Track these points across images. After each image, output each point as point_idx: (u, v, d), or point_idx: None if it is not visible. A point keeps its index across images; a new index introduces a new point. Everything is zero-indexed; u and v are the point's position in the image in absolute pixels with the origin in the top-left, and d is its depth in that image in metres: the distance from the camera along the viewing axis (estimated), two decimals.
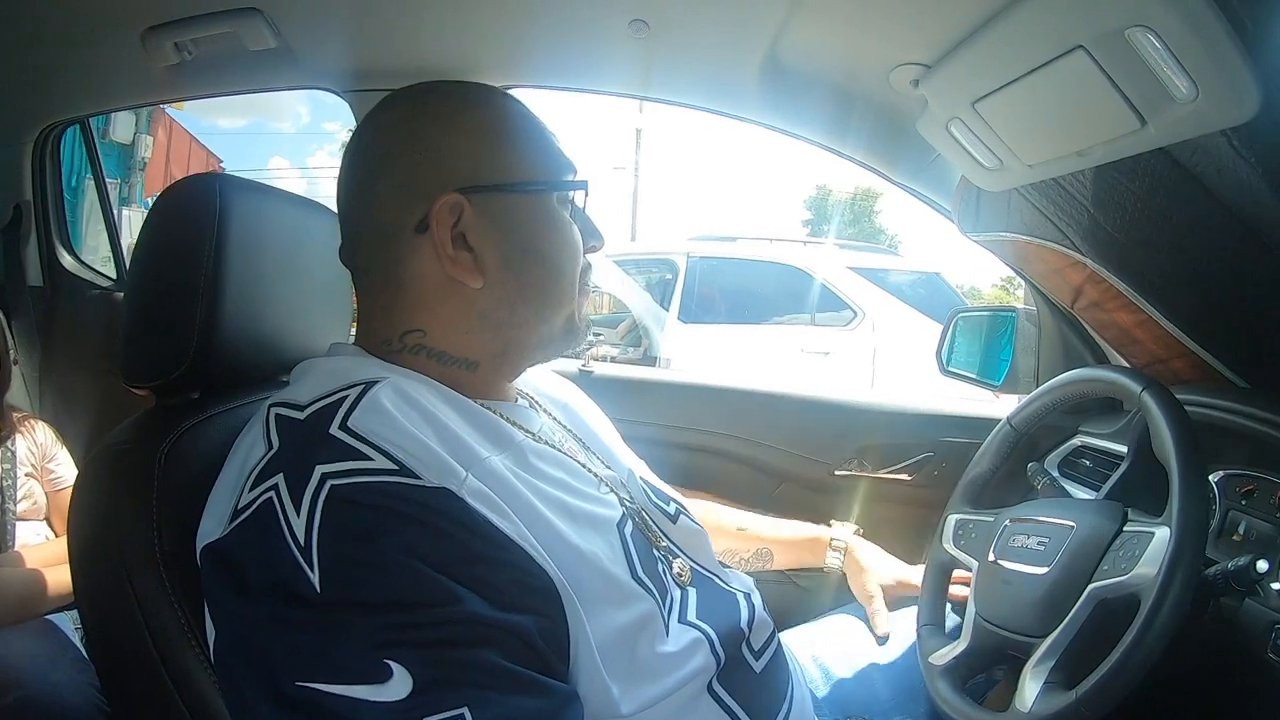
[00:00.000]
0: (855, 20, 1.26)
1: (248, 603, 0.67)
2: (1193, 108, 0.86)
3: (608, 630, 0.76)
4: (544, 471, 0.83)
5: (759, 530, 1.43)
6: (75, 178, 2.78)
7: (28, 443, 1.89)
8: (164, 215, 0.95)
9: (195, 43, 1.59)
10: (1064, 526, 1.05)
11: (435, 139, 0.87)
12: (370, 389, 0.75)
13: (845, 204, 23.74)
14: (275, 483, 0.69)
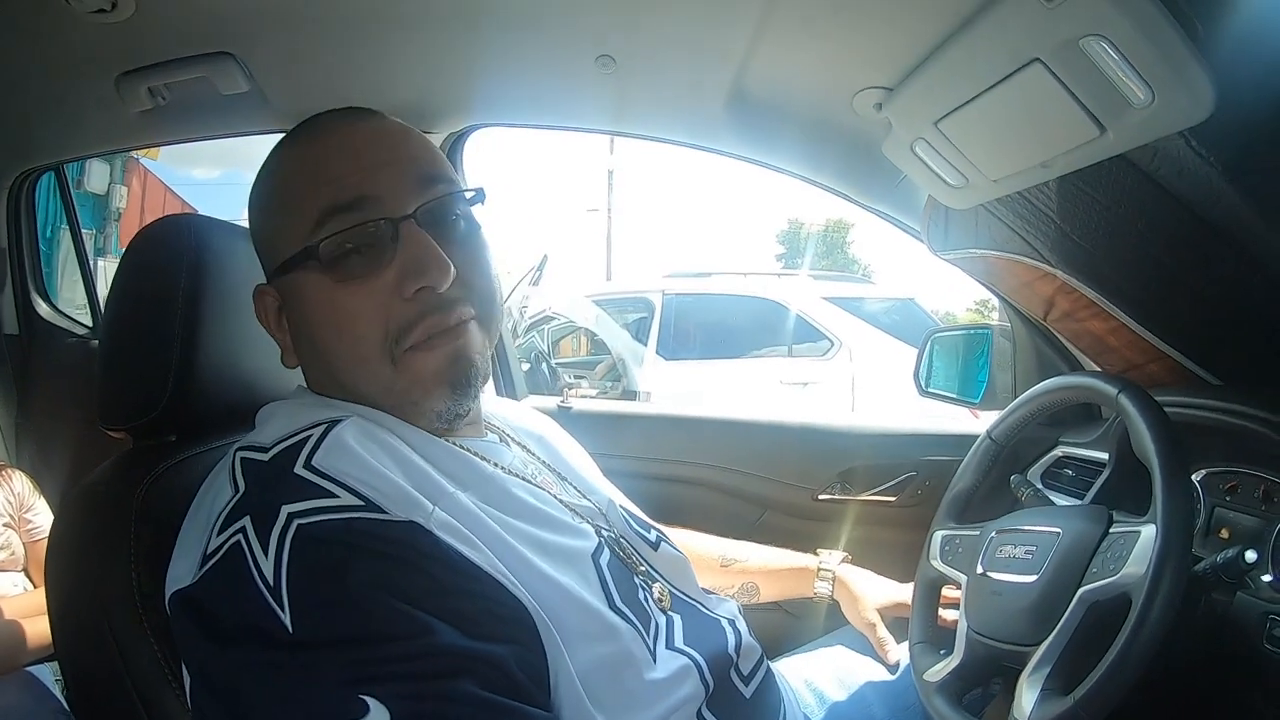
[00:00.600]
0: (816, 47, 1.28)
1: (220, 648, 0.66)
2: (1150, 111, 0.87)
3: (590, 661, 0.76)
4: (513, 505, 0.83)
5: (744, 563, 1.41)
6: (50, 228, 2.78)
7: (5, 493, 1.90)
8: (138, 257, 0.97)
9: (169, 87, 1.59)
10: (1050, 534, 1.04)
11: (253, 229, 0.93)
12: (333, 427, 0.76)
13: (818, 236, 24.02)
14: (243, 525, 0.69)
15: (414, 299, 0.81)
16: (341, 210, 0.81)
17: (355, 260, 0.81)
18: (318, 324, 0.85)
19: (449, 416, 0.86)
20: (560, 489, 0.98)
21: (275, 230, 0.87)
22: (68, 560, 0.87)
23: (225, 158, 20.02)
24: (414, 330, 0.82)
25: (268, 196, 0.89)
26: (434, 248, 0.81)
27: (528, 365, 5.59)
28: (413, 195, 0.84)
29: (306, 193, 0.83)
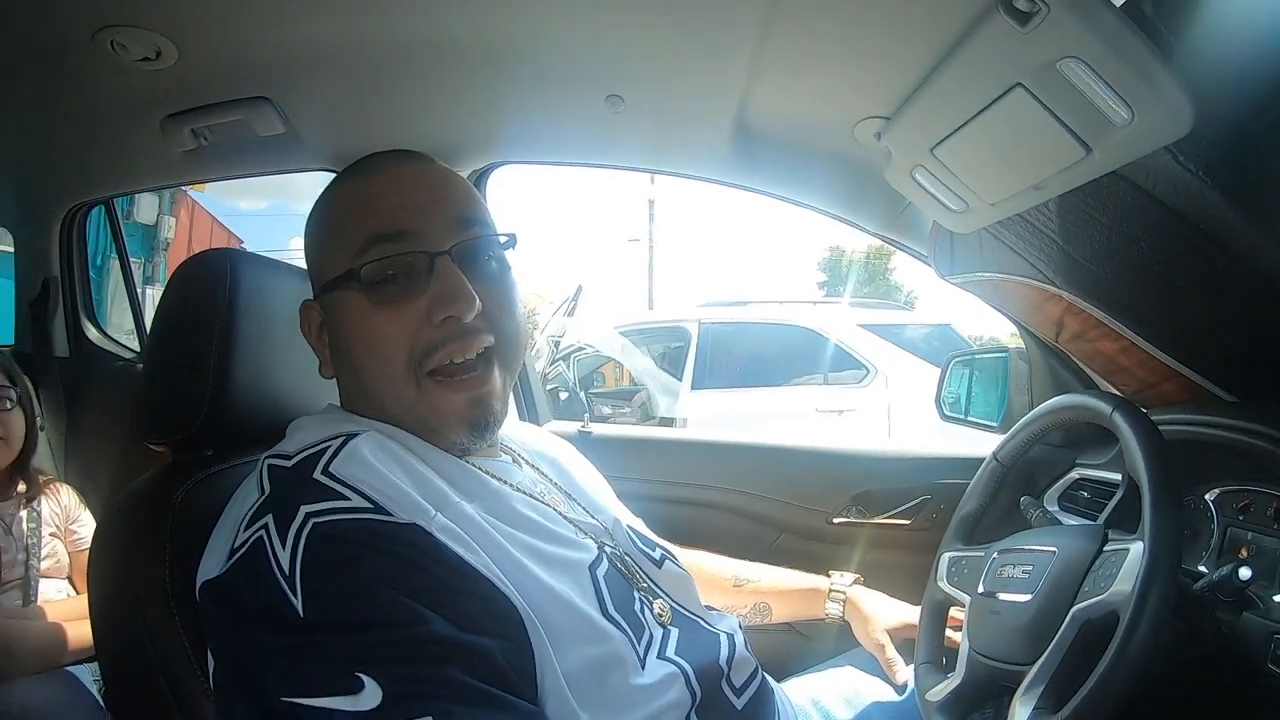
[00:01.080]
0: (813, 80, 1.30)
1: (241, 628, 0.74)
2: (1131, 129, 0.88)
3: (577, 662, 0.81)
4: (515, 518, 0.90)
5: (756, 584, 1.42)
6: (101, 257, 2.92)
7: (52, 504, 2.02)
8: (181, 286, 1.05)
9: (210, 129, 1.68)
10: (1047, 553, 1.05)
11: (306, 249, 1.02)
12: (350, 440, 0.83)
13: (859, 264, 23.82)
14: (265, 522, 0.76)
15: (440, 326, 0.89)
16: (384, 239, 0.90)
17: (392, 286, 0.90)
18: (352, 340, 0.93)
19: (463, 448, 0.94)
20: (567, 507, 1.04)
21: (324, 253, 0.96)
22: (108, 560, 0.95)
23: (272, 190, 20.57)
24: (436, 353, 0.90)
25: (321, 223, 0.99)
26: (463, 282, 0.89)
27: (566, 395, 5.63)
28: (450, 234, 0.92)
29: (355, 221, 0.93)
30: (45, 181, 2.28)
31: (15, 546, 1.91)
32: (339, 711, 0.66)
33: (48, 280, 2.50)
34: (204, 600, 0.80)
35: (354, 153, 1.73)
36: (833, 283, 25.54)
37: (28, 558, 1.92)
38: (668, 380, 6.24)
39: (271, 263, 1.13)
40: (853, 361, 5.86)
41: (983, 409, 1.83)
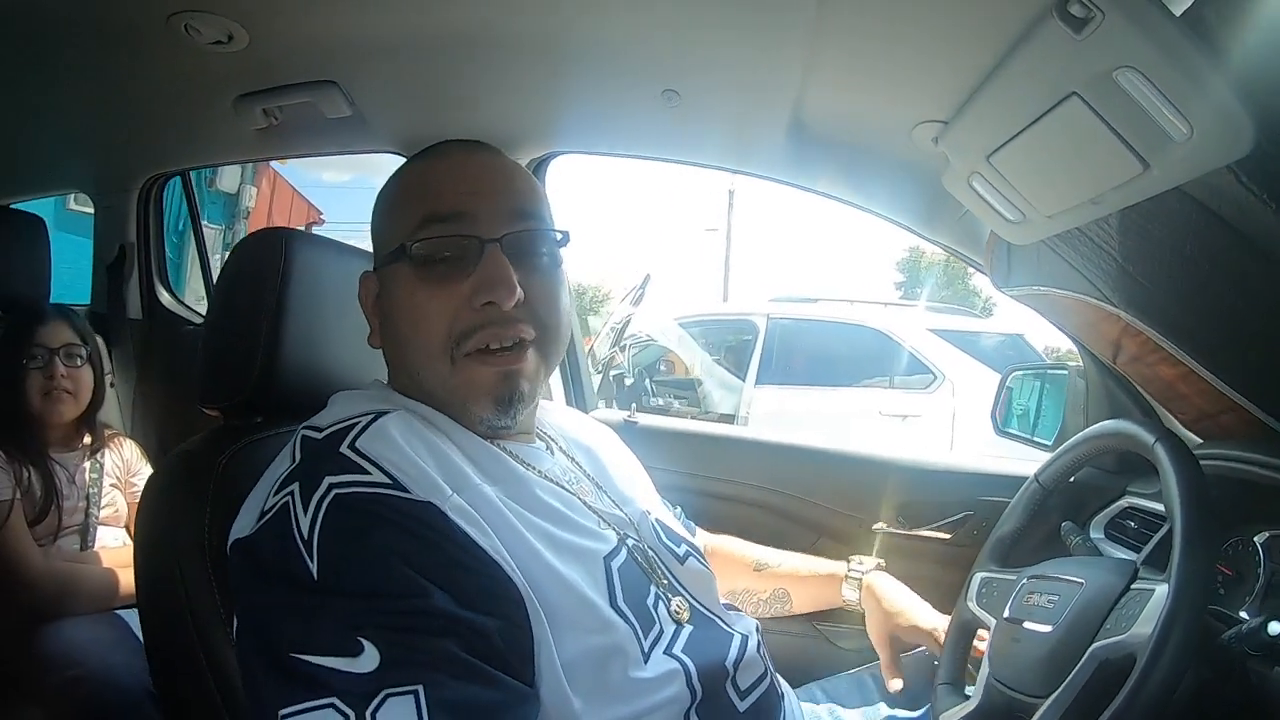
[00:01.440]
0: (870, 81, 1.28)
1: (261, 585, 0.78)
2: (1190, 146, 0.84)
3: (578, 650, 0.83)
4: (536, 504, 0.92)
5: (776, 569, 1.41)
6: (182, 223, 3.03)
7: (115, 457, 2.17)
8: (239, 260, 1.12)
9: (281, 109, 1.76)
10: (1074, 584, 1.00)
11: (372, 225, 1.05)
12: (380, 418, 0.87)
13: (938, 266, 23.31)
14: (293, 489, 0.80)
15: (481, 310, 0.92)
16: (439, 220, 0.93)
17: (440, 266, 0.93)
18: (398, 313, 0.96)
19: (490, 425, 0.96)
20: (594, 497, 1.05)
21: (385, 229, 1.00)
22: (154, 514, 1.00)
23: (355, 164, 20.93)
24: (473, 337, 0.92)
25: (386, 201, 1.03)
26: (508, 270, 0.91)
27: (631, 381, 5.64)
28: (504, 223, 0.94)
29: (415, 201, 0.96)
30: (125, 153, 2.39)
31: (77, 494, 2.04)
32: (338, 671, 0.70)
33: (124, 245, 2.62)
34: (233, 557, 0.84)
35: (417, 137, 1.80)
36: (910, 284, 25.10)
37: (88, 506, 2.05)
38: (724, 375, 6.19)
39: (326, 242, 1.17)
40: (920, 366, 5.72)
41: (1038, 426, 1.78)
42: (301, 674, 0.70)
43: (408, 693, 0.69)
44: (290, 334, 1.06)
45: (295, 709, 0.69)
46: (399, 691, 0.69)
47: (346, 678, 0.69)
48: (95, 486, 2.08)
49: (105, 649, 1.74)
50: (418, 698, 0.69)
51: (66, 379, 2.02)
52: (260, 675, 0.74)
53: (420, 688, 0.69)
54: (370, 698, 0.68)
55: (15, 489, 1.88)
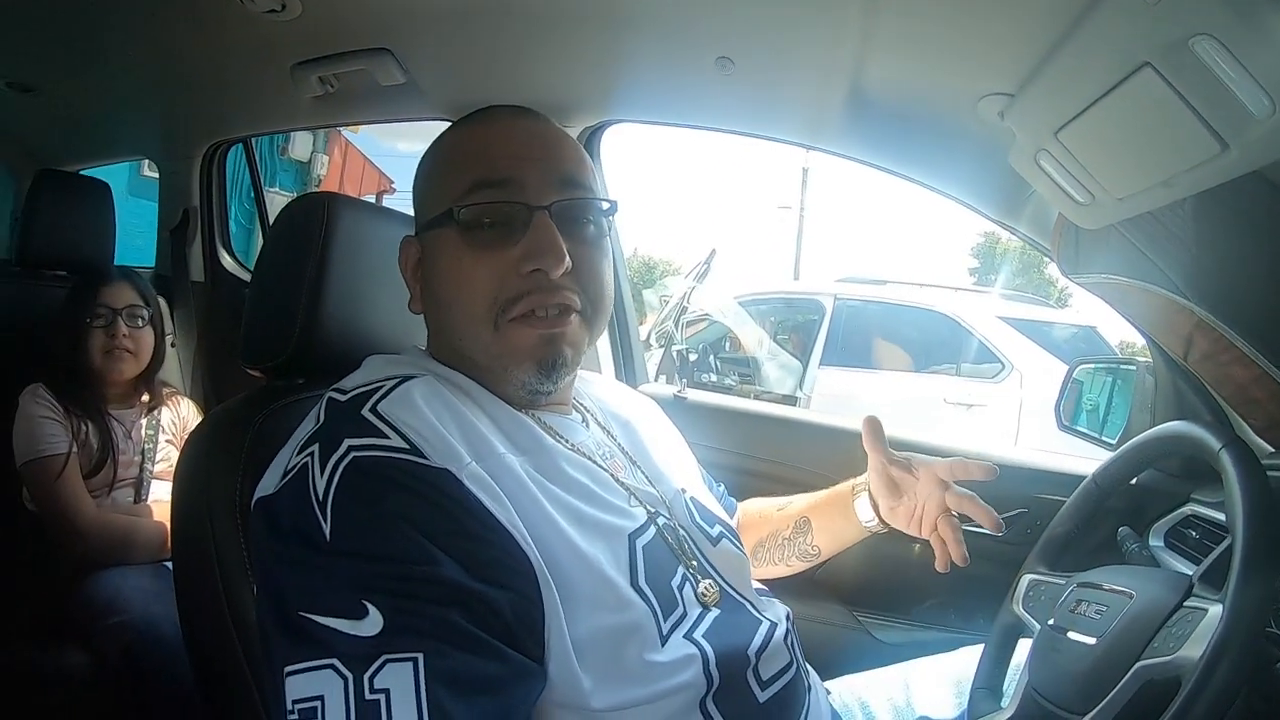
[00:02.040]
0: (931, 49, 1.23)
1: (277, 543, 0.78)
2: (1273, 124, 0.77)
3: (592, 628, 0.81)
4: (564, 478, 0.90)
5: (796, 505, 1.36)
6: (251, 190, 3.14)
7: (172, 414, 2.25)
8: (283, 225, 1.12)
9: (336, 77, 1.80)
10: (1123, 595, 0.94)
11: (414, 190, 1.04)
12: (405, 382, 0.87)
13: (1014, 253, 22.74)
14: (313, 450, 0.80)
15: (528, 278, 0.90)
16: (488, 186, 0.92)
17: (488, 231, 0.92)
18: (443, 278, 0.95)
19: (531, 390, 0.95)
20: (628, 473, 1.03)
21: (430, 192, 0.99)
22: (191, 470, 1.01)
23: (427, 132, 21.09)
24: (519, 303, 0.91)
25: (432, 164, 1.02)
26: (557, 238, 0.90)
27: (695, 356, 5.61)
28: (552, 190, 0.93)
29: (462, 166, 0.95)
30: (187, 120, 2.48)
31: (133, 449, 2.12)
32: (340, 633, 0.70)
33: (188, 210, 2.72)
34: (255, 514, 0.85)
35: (471, 104, 1.78)
36: (984, 271, 24.59)
37: (143, 460, 2.14)
38: (783, 355, 6.10)
39: (369, 206, 1.18)
40: (989, 355, 5.58)
41: (1102, 423, 1.69)
42: (307, 633, 0.71)
43: (407, 660, 0.69)
44: (331, 296, 1.07)
45: (298, 667, 0.70)
46: (399, 658, 0.69)
47: (348, 640, 0.69)
48: (151, 442, 2.16)
49: (148, 598, 1.80)
50: (417, 665, 0.68)
51: (128, 339, 2.09)
52: (272, 632, 0.75)
53: (420, 656, 0.69)
54: (369, 661, 0.68)
55: (72, 442, 1.96)
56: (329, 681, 0.68)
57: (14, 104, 2.39)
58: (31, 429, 1.94)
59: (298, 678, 0.70)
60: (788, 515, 1.35)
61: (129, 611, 1.76)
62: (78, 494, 1.92)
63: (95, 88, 2.25)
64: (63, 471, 1.91)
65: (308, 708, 0.68)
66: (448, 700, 0.68)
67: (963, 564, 1.14)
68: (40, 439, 1.92)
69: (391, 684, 0.68)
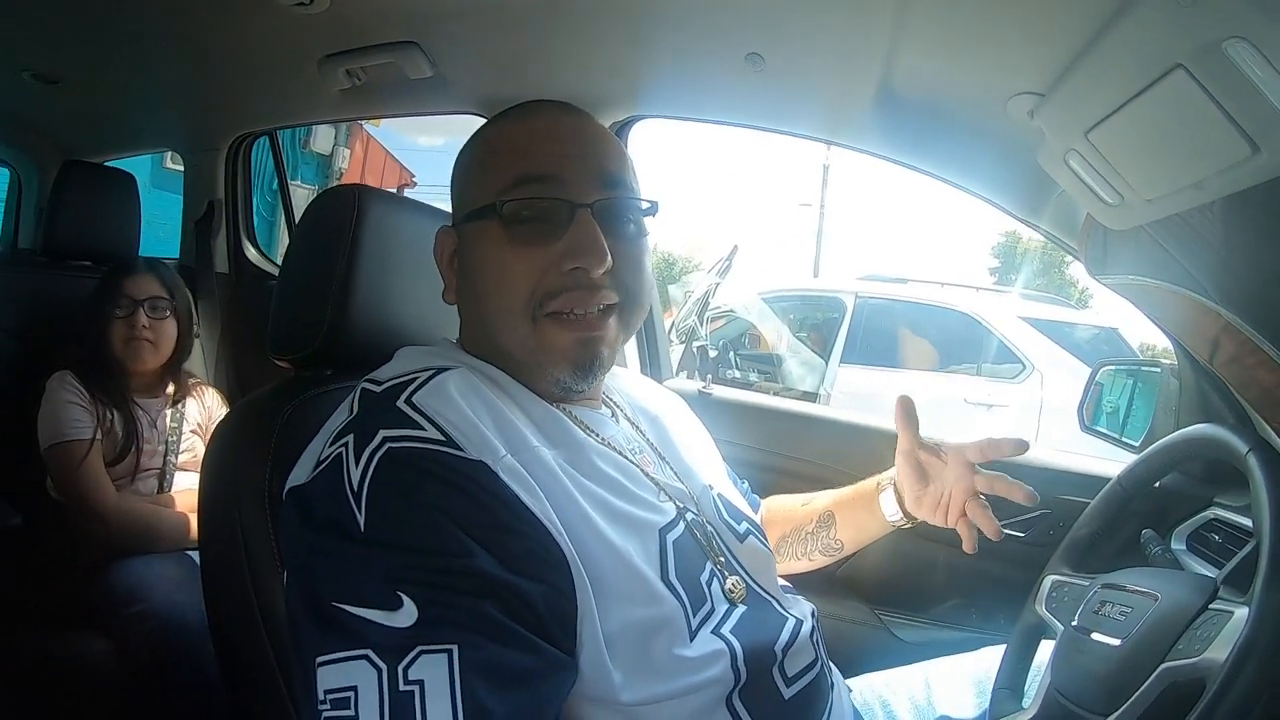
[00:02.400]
0: (963, 48, 1.22)
1: (310, 533, 0.79)
2: None
3: (622, 621, 0.81)
4: (596, 472, 0.90)
5: (821, 500, 1.36)
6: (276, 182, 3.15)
7: (197, 405, 2.27)
8: (313, 216, 1.12)
9: (364, 70, 1.80)
10: (1148, 597, 0.94)
11: (453, 181, 1.03)
12: (440, 374, 0.86)
13: (1035, 253, 22.54)
14: (348, 440, 0.80)
15: (568, 275, 0.91)
16: (532, 181, 0.92)
17: (530, 226, 0.92)
18: (482, 271, 0.95)
19: (565, 388, 0.95)
20: (657, 468, 1.03)
21: (471, 185, 0.98)
22: (219, 461, 1.02)
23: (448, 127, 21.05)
24: (557, 299, 0.91)
25: (472, 157, 1.01)
26: (599, 237, 0.91)
27: (715, 353, 5.60)
28: (595, 188, 0.93)
29: (506, 159, 0.95)
30: (213, 112, 2.49)
31: (157, 439, 2.14)
32: (374, 624, 0.70)
33: (213, 202, 2.73)
34: (286, 503, 0.85)
35: (498, 98, 1.82)
36: (1004, 270, 24.41)
37: (166, 450, 2.15)
38: (804, 352, 6.09)
39: (399, 199, 1.17)
40: (1010, 355, 5.56)
41: (1126, 426, 1.68)
42: (340, 623, 0.71)
43: (442, 651, 0.68)
44: (360, 289, 1.07)
45: (331, 657, 0.70)
46: (433, 649, 0.68)
47: (383, 631, 0.69)
48: (175, 434, 2.18)
49: (171, 587, 1.81)
50: (451, 657, 0.68)
51: (148, 330, 2.10)
52: (303, 622, 0.75)
53: (455, 647, 0.69)
54: (404, 653, 0.68)
55: (96, 429, 1.97)
56: (363, 672, 0.68)
57: (40, 96, 2.40)
58: (57, 413, 1.96)
59: (330, 668, 0.70)
60: (811, 510, 1.35)
61: (152, 600, 1.78)
62: (99, 480, 1.94)
63: (121, 80, 2.26)
64: (86, 457, 1.93)
65: (340, 698, 0.68)
66: (483, 692, 0.68)
67: (996, 539, 1.15)
68: (65, 424, 1.94)
69: (426, 675, 0.67)
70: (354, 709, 0.67)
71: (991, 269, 25.51)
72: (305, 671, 0.73)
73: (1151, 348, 6.17)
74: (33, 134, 2.90)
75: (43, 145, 2.93)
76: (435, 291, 1.05)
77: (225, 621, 0.99)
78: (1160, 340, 1.51)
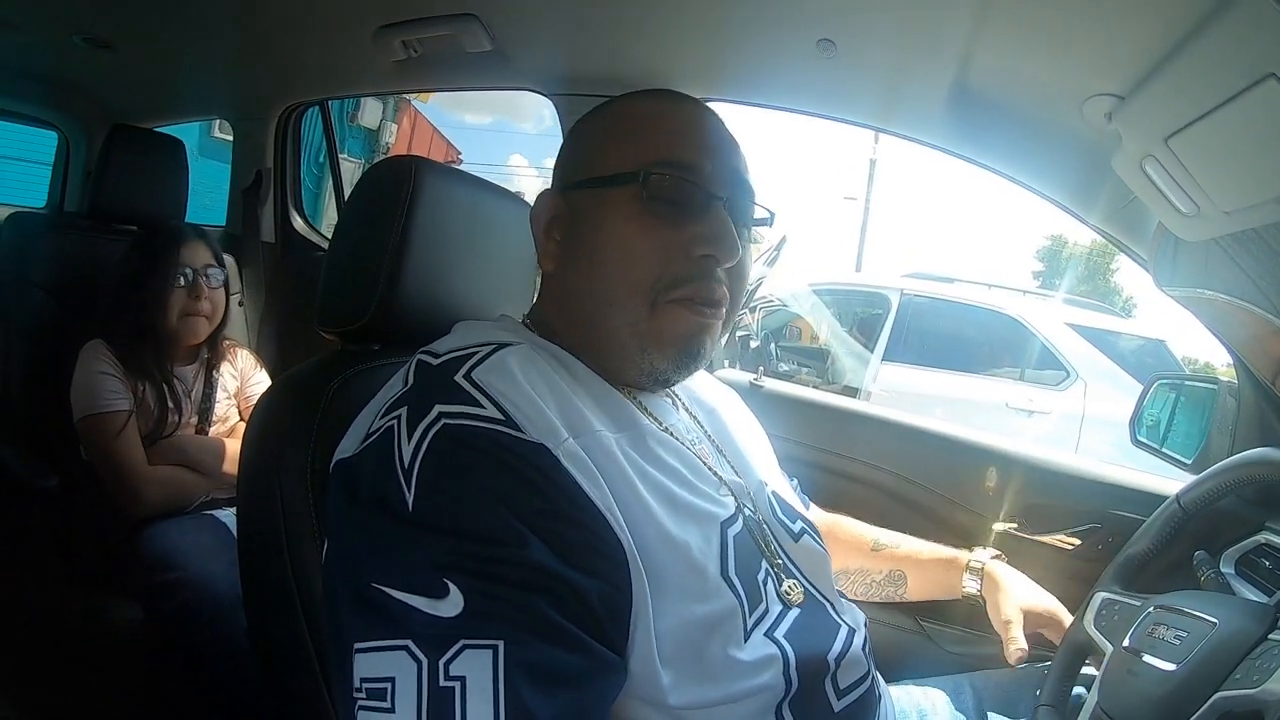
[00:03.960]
0: (1045, 46, 1.18)
1: (354, 509, 0.76)
2: None
3: (678, 619, 0.78)
4: (659, 459, 0.87)
5: (894, 549, 1.35)
6: (322, 154, 3.15)
7: (230, 368, 2.26)
8: (367, 186, 1.10)
9: (420, 42, 1.78)
10: (1206, 623, 0.91)
11: (567, 148, 1.00)
12: (501, 349, 0.84)
13: (1080, 258, 22.17)
14: (400, 414, 0.77)
15: (698, 261, 0.89)
16: (675, 164, 0.90)
17: (669, 206, 0.89)
18: (605, 242, 0.91)
19: (661, 375, 0.93)
20: (715, 460, 1.00)
21: (598, 151, 0.95)
22: (261, 434, 0.99)
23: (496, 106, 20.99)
24: (685, 286, 0.89)
25: (604, 125, 0.98)
26: (732, 229, 0.90)
27: (756, 344, 5.57)
28: (729, 185, 0.92)
29: (652, 136, 0.93)
30: (265, 80, 2.50)
31: (191, 409, 2.13)
32: (418, 611, 0.67)
33: (261, 171, 2.73)
34: (333, 477, 0.83)
35: (560, 75, 1.81)
36: (1049, 274, 24.14)
37: (200, 420, 2.16)
38: (856, 347, 6.04)
39: (455, 173, 1.13)
40: (1054, 361, 5.45)
41: (1178, 442, 1.64)
42: (381, 607, 0.68)
43: (487, 647, 0.65)
44: (414, 263, 1.04)
45: (369, 645, 0.68)
46: (478, 644, 0.65)
47: (426, 620, 0.66)
48: (209, 401, 2.17)
49: (205, 555, 1.80)
50: (496, 654, 0.65)
51: (207, 300, 2.09)
52: (341, 602, 0.72)
53: (501, 643, 0.65)
54: (447, 645, 0.65)
55: (132, 400, 1.97)
56: (402, 663, 0.66)
57: (91, 60, 2.41)
58: (91, 383, 1.95)
59: (368, 656, 0.67)
60: (882, 558, 1.34)
61: (185, 568, 1.76)
62: (134, 453, 1.94)
63: (174, 45, 2.25)
64: (122, 430, 1.92)
65: (377, 688, 0.66)
66: (527, 692, 0.65)
67: None
68: (100, 394, 1.94)
69: (468, 671, 0.64)
70: (390, 702, 0.65)
71: (1035, 273, 25.31)
72: (340, 653, 0.71)
73: (1193, 361, 6.06)
74: (82, 99, 2.90)
75: (92, 110, 2.94)
76: (490, 269, 1.04)
77: (261, 597, 0.97)
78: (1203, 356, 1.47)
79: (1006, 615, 1.20)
